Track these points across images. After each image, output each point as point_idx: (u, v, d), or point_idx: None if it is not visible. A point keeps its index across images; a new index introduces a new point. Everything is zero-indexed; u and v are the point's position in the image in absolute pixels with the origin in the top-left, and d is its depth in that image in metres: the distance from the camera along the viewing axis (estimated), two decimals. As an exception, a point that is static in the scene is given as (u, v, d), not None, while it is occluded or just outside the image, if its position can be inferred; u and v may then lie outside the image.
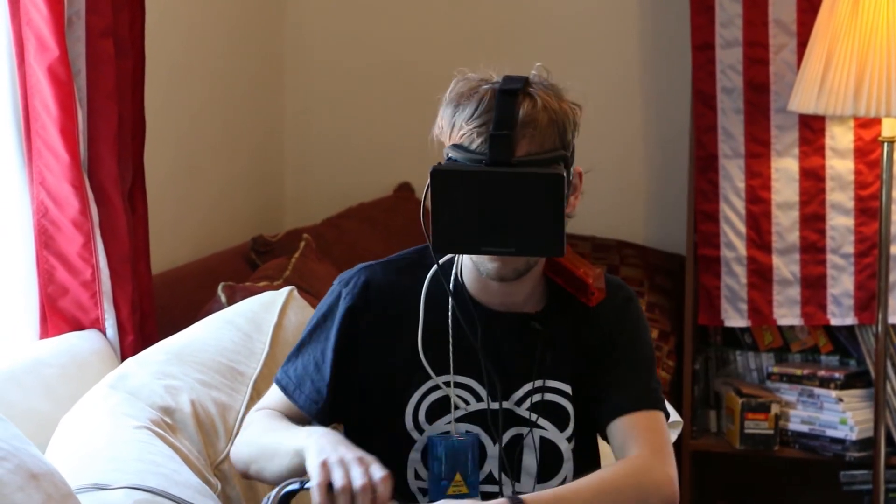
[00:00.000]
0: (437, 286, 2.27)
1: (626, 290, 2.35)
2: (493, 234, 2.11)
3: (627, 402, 2.25)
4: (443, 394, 2.24)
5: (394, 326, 2.26)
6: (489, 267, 2.19)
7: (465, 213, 2.11)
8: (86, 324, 2.85)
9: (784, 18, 3.93)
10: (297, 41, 4.45)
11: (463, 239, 2.13)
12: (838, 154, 3.94)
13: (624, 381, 2.27)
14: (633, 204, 4.33)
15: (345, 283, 2.29)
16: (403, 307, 2.26)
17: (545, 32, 4.30)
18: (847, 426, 3.92)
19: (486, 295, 2.26)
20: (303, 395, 2.28)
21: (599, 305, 2.29)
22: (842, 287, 3.96)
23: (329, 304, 2.30)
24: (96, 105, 2.83)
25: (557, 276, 2.28)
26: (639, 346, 2.32)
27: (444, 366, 2.24)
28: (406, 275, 2.30)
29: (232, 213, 4.06)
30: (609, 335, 2.30)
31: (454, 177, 2.12)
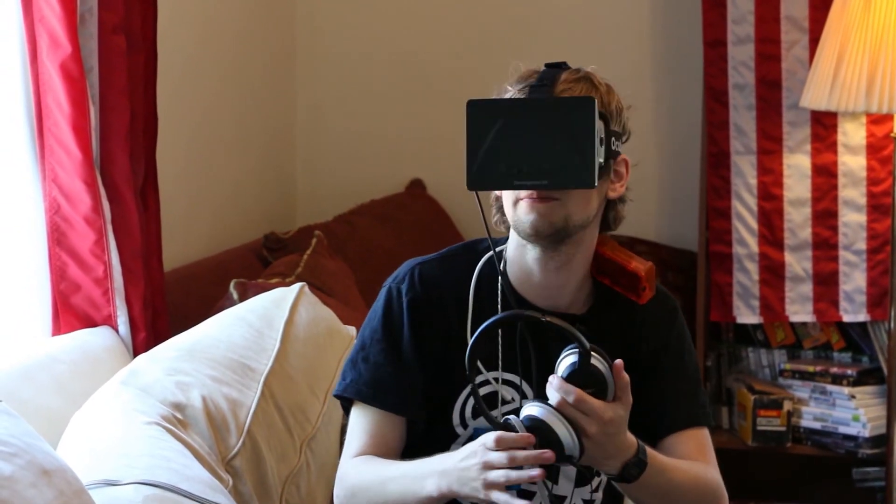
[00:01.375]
0: (486, 280, 2.27)
1: (672, 300, 2.36)
2: (526, 169, 2.08)
3: (681, 419, 2.29)
4: (490, 389, 2.24)
5: (446, 319, 2.26)
6: (525, 221, 2.15)
7: (499, 147, 2.08)
8: (98, 320, 2.85)
9: (796, 14, 3.92)
10: (308, 37, 4.45)
11: (497, 175, 2.09)
12: (850, 150, 3.93)
13: (676, 396, 2.30)
14: (645, 200, 4.32)
15: (400, 281, 2.28)
16: (452, 302, 2.26)
17: (557, 28, 4.29)
18: (860, 423, 3.92)
19: (532, 293, 2.25)
20: (388, 398, 2.25)
21: (646, 313, 2.30)
22: (854, 283, 3.95)
23: (387, 304, 2.28)
24: (108, 101, 2.84)
25: (605, 276, 2.27)
26: (689, 359, 2.35)
27: (491, 361, 2.24)
28: (454, 270, 2.29)
29: (244, 209, 4.06)
30: (658, 345, 2.31)
31: (488, 107, 2.09)
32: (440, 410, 2.25)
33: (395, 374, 2.24)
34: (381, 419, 2.25)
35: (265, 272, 3.48)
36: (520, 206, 2.16)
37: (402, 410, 2.25)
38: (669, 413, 2.29)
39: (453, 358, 2.23)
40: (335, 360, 2.78)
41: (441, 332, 2.25)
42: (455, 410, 2.25)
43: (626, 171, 2.24)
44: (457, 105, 2.29)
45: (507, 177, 2.09)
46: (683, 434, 2.29)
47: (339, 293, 3.45)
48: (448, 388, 2.25)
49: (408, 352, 2.24)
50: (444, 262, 2.30)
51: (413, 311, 2.25)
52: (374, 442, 2.25)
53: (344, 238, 3.91)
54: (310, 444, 2.63)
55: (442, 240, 3.33)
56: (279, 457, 2.56)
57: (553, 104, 2.10)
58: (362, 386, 2.26)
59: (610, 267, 2.26)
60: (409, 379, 2.24)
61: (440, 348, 2.25)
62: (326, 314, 2.84)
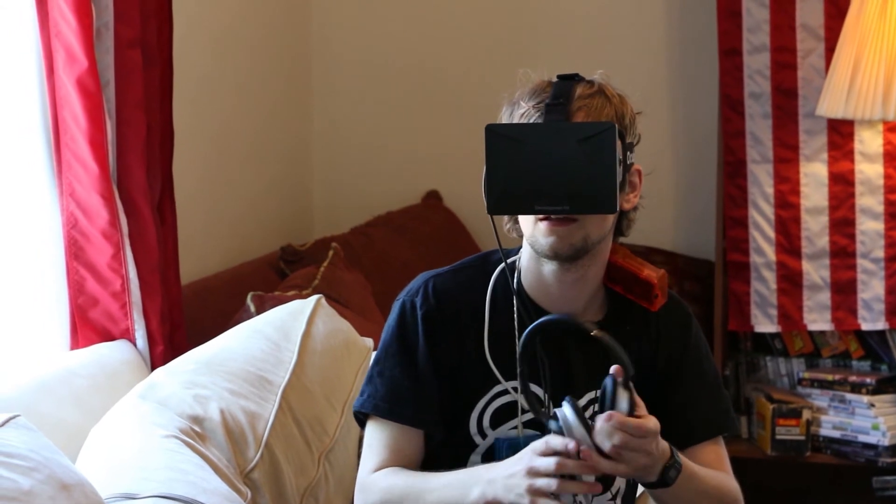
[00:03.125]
0: (500, 292, 2.27)
1: (686, 307, 2.37)
2: (547, 193, 2.09)
3: (704, 429, 2.31)
4: (508, 399, 2.24)
5: (461, 331, 2.25)
6: (544, 243, 2.16)
7: (518, 171, 2.09)
8: (116, 334, 2.86)
9: (811, 23, 3.92)
10: (324, 50, 4.46)
11: (517, 199, 2.10)
12: (867, 158, 3.92)
13: (698, 406, 2.30)
14: (661, 210, 4.32)
15: (413, 294, 2.28)
16: (468, 312, 2.26)
17: (572, 38, 4.30)
18: (879, 431, 3.90)
19: (548, 301, 2.25)
20: (406, 412, 2.24)
21: (661, 322, 2.30)
22: (872, 291, 3.94)
23: (400, 318, 2.27)
24: (125, 116, 2.84)
25: (617, 283, 2.28)
26: (708, 366, 2.35)
27: (509, 370, 2.24)
28: (469, 281, 2.29)
29: (260, 222, 4.07)
30: (675, 354, 2.31)
31: (508, 132, 2.10)
32: (457, 421, 2.25)
33: (411, 387, 2.24)
34: (398, 433, 2.25)
35: (282, 285, 3.48)
36: (538, 227, 2.16)
37: (419, 423, 2.25)
38: (691, 423, 2.29)
39: (470, 368, 2.24)
40: (353, 372, 2.78)
41: (456, 344, 2.25)
42: (472, 420, 2.25)
43: (640, 180, 2.25)
44: (472, 116, 2.29)
45: (528, 201, 2.10)
46: (704, 445, 2.30)
47: (355, 305, 3.45)
48: (465, 398, 2.25)
49: (424, 364, 2.24)
50: (457, 274, 2.30)
51: (428, 323, 2.25)
52: (393, 456, 2.24)
53: (360, 250, 3.91)
54: (328, 457, 2.63)
55: (459, 251, 3.34)
56: (297, 469, 2.56)
57: (574, 129, 2.10)
58: (379, 401, 2.25)
59: (622, 275, 2.27)
60: (425, 392, 2.24)
61: (456, 360, 2.25)
62: (343, 326, 2.84)
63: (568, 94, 2.17)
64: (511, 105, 2.22)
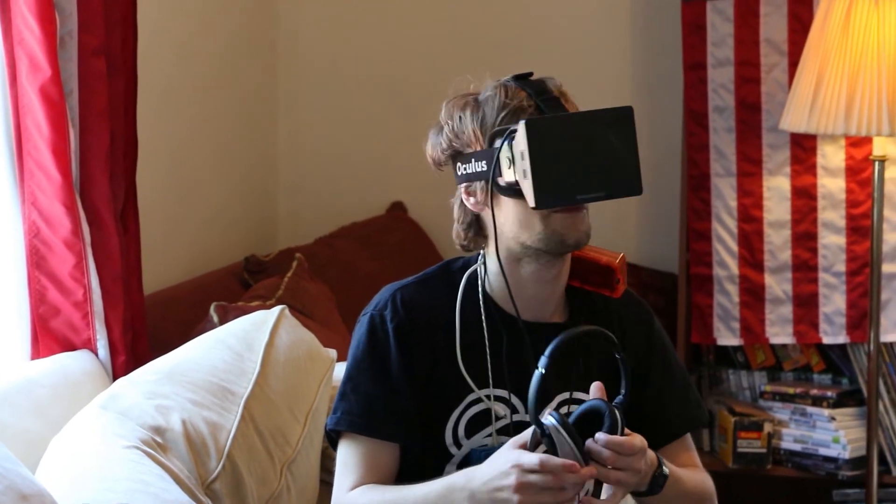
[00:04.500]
0: (468, 300, 2.27)
1: (645, 303, 2.40)
2: (584, 181, 2.12)
3: (678, 425, 2.36)
4: (482, 407, 2.25)
5: (432, 342, 2.26)
6: (562, 234, 2.18)
7: (558, 162, 2.10)
8: (77, 344, 2.84)
9: (775, 38, 3.94)
10: (290, 59, 4.45)
11: (560, 190, 2.12)
12: (830, 173, 3.94)
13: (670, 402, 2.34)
14: (625, 222, 4.33)
15: (382, 308, 2.28)
16: (438, 322, 2.26)
17: (538, 50, 4.31)
18: (840, 445, 3.92)
19: (519, 305, 2.26)
20: (382, 426, 2.24)
21: (624, 320, 2.33)
22: (834, 305, 3.96)
23: (370, 332, 2.27)
24: (88, 124, 2.83)
25: (574, 277, 2.29)
26: (674, 361, 2.38)
27: (481, 378, 2.24)
28: (435, 291, 2.30)
29: (224, 232, 4.06)
30: (641, 352, 2.33)
31: (547, 125, 2.11)
32: (432, 432, 2.25)
33: (387, 401, 2.24)
34: (375, 448, 2.25)
35: (245, 295, 3.47)
36: (554, 219, 2.17)
37: (396, 437, 2.25)
38: (666, 421, 2.33)
39: (443, 378, 2.24)
40: (315, 383, 2.77)
41: (428, 355, 2.25)
42: (448, 430, 2.25)
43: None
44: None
45: (569, 191, 2.12)
46: (679, 443, 2.34)
47: (319, 316, 3.45)
48: (439, 409, 2.25)
49: (397, 377, 2.24)
50: (422, 285, 2.30)
51: (400, 335, 2.25)
52: (369, 472, 2.24)
53: (325, 261, 3.91)
54: (290, 468, 2.62)
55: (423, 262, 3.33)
56: (259, 480, 2.55)
57: (600, 116, 2.13)
58: (355, 417, 2.25)
59: (580, 266, 2.28)
60: (401, 405, 2.24)
61: (428, 370, 2.25)
62: (307, 337, 2.84)
63: (545, 89, 2.20)
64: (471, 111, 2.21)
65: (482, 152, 2.18)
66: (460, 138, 2.22)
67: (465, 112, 2.22)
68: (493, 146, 2.16)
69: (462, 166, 2.21)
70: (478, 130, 2.19)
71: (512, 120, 2.16)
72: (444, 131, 2.24)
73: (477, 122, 2.20)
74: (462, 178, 2.23)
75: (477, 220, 2.25)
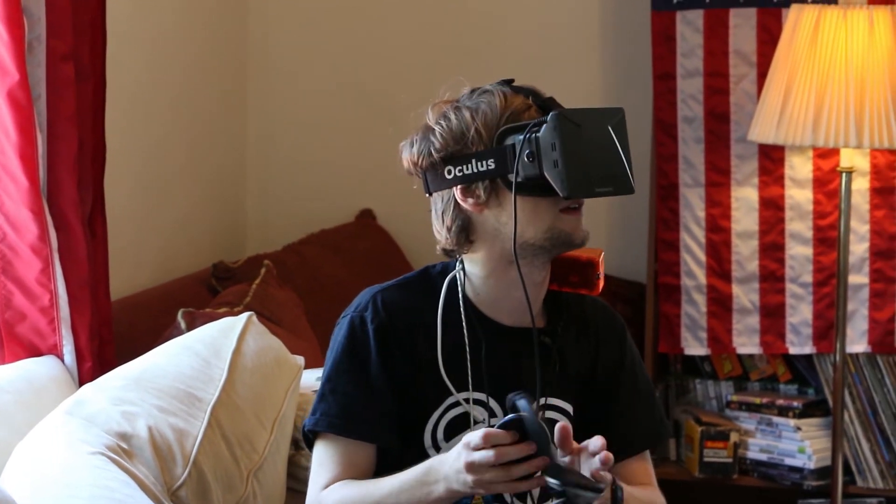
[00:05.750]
0: (448, 304, 2.27)
1: (620, 317, 2.41)
2: (599, 176, 2.17)
3: (639, 442, 2.35)
4: (460, 411, 2.25)
5: (413, 344, 2.26)
6: (570, 232, 2.22)
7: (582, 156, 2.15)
8: (43, 350, 2.83)
9: (744, 49, 3.96)
10: (259, 67, 4.45)
11: (584, 182, 2.16)
12: (797, 184, 3.96)
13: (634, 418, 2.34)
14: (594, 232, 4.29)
15: (362, 310, 2.27)
16: (418, 325, 2.26)
17: (508, 59, 4.31)
18: (805, 455, 3.94)
19: (501, 312, 2.27)
20: (361, 427, 2.24)
21: (599, 328, 2.34)
22: (800, 316, 3.98)
23: (350, 333, 2.27)
24: (56, 129, 2.82)
25: (553, 280, 2.30)
26: (642, 375, 2.38)
27: (461, 382, 2.25)
28: (414, 294, 2.30)
29: (193, 238, 4.05)
30: (612, 363, 2.34)
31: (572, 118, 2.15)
32: (412, 435, 2.25)
33: (366, 402, 2.24)
34: (352, 448, 2.25)
35: (213, 301, 3.46)
36: (560, 218, 2.20)
37: (374, 438, 2.25)
38: (629, 436, 2.32)
39: (422, 381, 2.25)
40: (283, 389, 2.77)
41: (408, 357, 2.25)
42: (426, 433, 2.25)
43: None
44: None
45: (589, 184, 2.17)
46: (638, 459, 2.34)
47: (287, 323, 3.44)
48: (418, 411, 2.26)
49: (377, 379, 2.24)
50: (403, 288, 2.31)
51: (380, 336, 2.25)
52: (345, 472, 2.24)
53: (293, 268, 3.90)
54: (256, 474, 2.62)
55: (392, 270, 3.33)
56: (226, 487, 2.54)
57: (606, 115, 2.19)
58: (333, 417, 2.25)
59: (558, 269, 2.29)
60: (380, 406, 2.24)
61: (408, 373, 2.25)
62: (275, 344, 2.83)
63: (539, 91, 2.24)
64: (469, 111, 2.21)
65: (488, 151, 2.19)
66: (459, 139, 2.21)
67: (462, 113, 2.22)
68: (503, 144, 2.17)
69: (457, 168, 2.20)
70: (482, 129, 2.20)
71: (518, 118, 2.19)
72: (435, 134, 2.23)
73: (480, 122, 2.20)
74: (457, 179, 2.21)
75: (469, 224, 2.25)
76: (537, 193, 2.17)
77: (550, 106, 2.21)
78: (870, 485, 3.96)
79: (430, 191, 2.26)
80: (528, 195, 2.18)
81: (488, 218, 2.22)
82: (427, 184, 2.26)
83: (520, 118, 2.19)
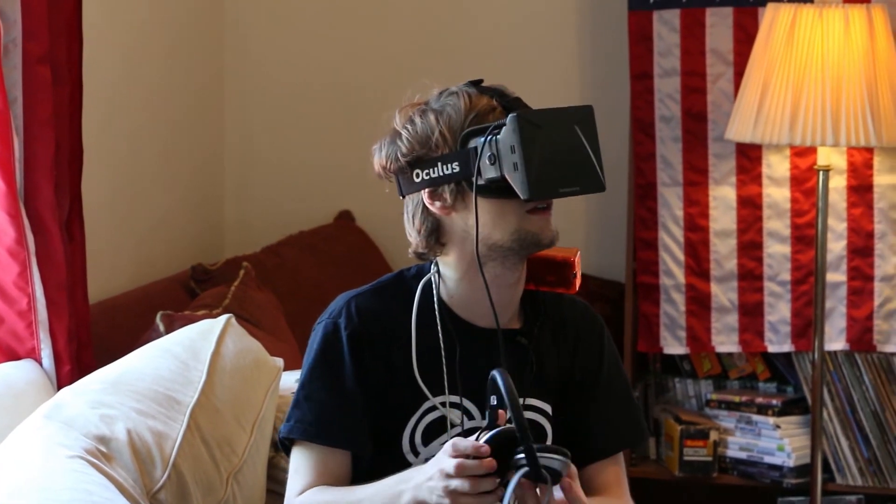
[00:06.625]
0: (423, 308, 2.27)
1: (598, 316, 2.40)
2: (563, 177, 2.16)
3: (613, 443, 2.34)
4: (438, 414, 2.25)
5: (387, 349, 2.26)
6: (538, 233, 2.20)
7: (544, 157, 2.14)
8: (21, 353, 2.82)
9: (721, 48, 3.97)
10: (237, 67, 4.44)
11: (546, 183, 2.15)
12: (775, 182, 3.97)
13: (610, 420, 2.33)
14: (572, 231, 4.34)
15: (336, 316, 2.27)
16: (393, 330, 2.26)
17: (486, 59, 4.31)
18: (784, 453, 3.95)
19: (476, 314, 2.26)
20: (335, 433, 2.24)
21: (577, 328, 2.34)
22: (779, 314, 3.99)
23: (324, 340, 2.27)
24: (33, 133, 2.81)
25: (530, 280, 2.30)
26: (621, 376, 2.38)
27: (437, 386, 2.25)
28: (389, 299, 2.29)
29: (171, 241, 4.04)
30: (591, 362, 2.34)
31: (534, 119, 2.14)
32: (390, 441, 2.25)
33: (340, 408, 2.24)
34: (327, 455, 2.25)
35: (192, 304, 3.46)
36: (527, 219, 2.19)
37: (349, 444, 2.25)
38: (605, 438, 2.32)
39: (398, 386, 2.24)
40: (262, 392, 2.76)
41: (383, 363, 2.25)
42: (405, 439, 2.25)
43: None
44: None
45: (553, 185, 2.16)
46: (610, 462, 2.33)
47: (266, 325, 3.44)
48: (395, 417, 2.25)
49: (351, 385, 2.24)
50: (377, 293, 2.30)
51: (354, 342, 2.25)
52: (320, 479, 2.24)
53: (272, 270, 3.90)
54: (236, 477, 2.62)
55: (371, 271, 3.33)
56: (205, 490, 2.54)
57: (572, 114, 2.18)
58: (307, 425, 2.24)
59: (535, 268, 2.29)
60: (354, 412, 2.24)
61: (383, 379, 2.25)
62: (254, 346, 2.83)
63: (506, 92, 2.23)
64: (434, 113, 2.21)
65: (453, 154, 2.18)
66: (425, 143, 2.21)
67: (428, 117, 2.21)
68: (467, 147, 2.17)
69: (424, 171, 2.20)
70: (446, 133, 2.19)
71: (482, 120, 2.18)
72: (402, 138, 2.23)
73: (444, 125, 2.20)
74: (425, 183, 2.21)
75: (439, 227, 2.25)
76: (502, 195, 2.17)
77: (515, 107, 2.20)
78: (849, 482, 3.98)
79: (402, 194, 2.26)
80: (493, 197, 2.17)
81: (456, 221, 2.22)
82: (399, 187, 2.26)
83: (484, 120, 2.18)
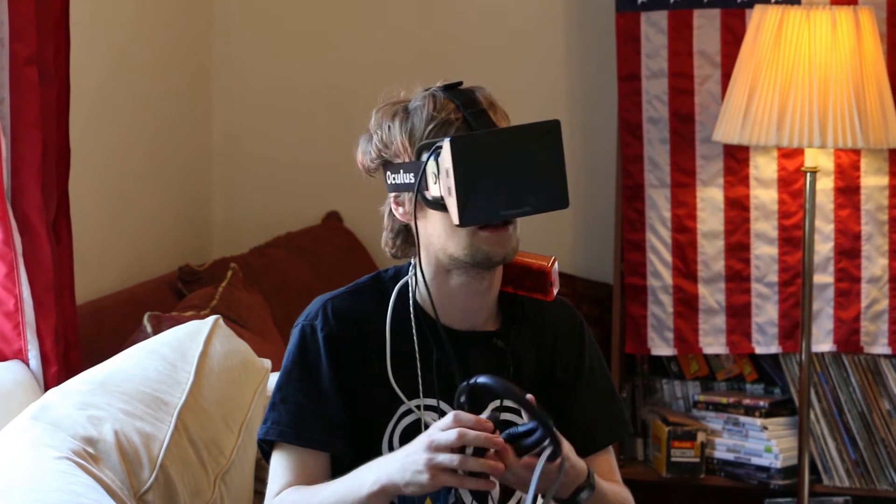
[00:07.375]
0: (399, 310, 2.27)
1: (578, 313, 2.40)
2: (509, 197, 2.12)
3: (602, 438, 2.34)
4: (415, 417, 2.24)
5: (363, 352, 2.25)
6: (485, 250, 2.17)
7: (483, 179, 2.10)
8: (8, 354, 2.82)
9: (708, 50, 3.97)
10: (224, 68, 4.44)
11: (484, 207, 2.11)
12: (762, 184, 3.98)
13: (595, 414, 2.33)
14: (560, 233, 4.35)
15: (312, 318, 2.27)
16: (368, 332, 2.26)
17: (473, 59, 4.32)
18: (772, 454, 3.95)
19: (451, 317, 2.26)
20: (312, 435, 2.23)
21: (556, 327, 2.33)
22: (766, 316, 4.00)
23: (301, 342, 2.26)
24: (20, 133, 2.81)
25: (508, 283, 2.29)
26: (602, 371, 2.38)
27: (413, 389, 2.24)
28: (365, 301, 2.29)
29: (158, 241, 4.03)
30: (572, 360, 2.34)
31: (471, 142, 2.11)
32: (369, 444, 2.25)
33: (316, 410, 2.23)
34: (305, 457, 2.24)
35: (180, 305, 3.45)
36: (480, 236, 2.16)
37: (326, 446, 2.24)
38: (591, 433, 2.32)
39: (374, 389, 2.24)
40: (250, 393, 2.76)
41: (359, 365, 2.25)
42: (384, 440, 2.25)
43: None
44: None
45: (494, 208, 2.12)
46: (601, 453, 2.34)
47: (254, 326, 3.44)
48: (373, 420, 2.25)
49: (328, 387, 2.24)
50: (354, 295, 2.30)
51: (330, 345, 2.25)
52: (298, 480, 2.23)
53: (260, 270, 3.90)
54: (224, 479, 2.61)
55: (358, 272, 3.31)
56: (193, 491, 2.54)
57: (525, 131, 2.14)
58: (284, 427, 2.24)
59: (512, 272, 2.29)
60: (331, 414, 2.23)
61: (360, 381, 2.25)
62: (241, 347, 2.83)
63: (474, 100, 2.20)
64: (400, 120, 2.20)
65: (410, 164, 2.18)
66: (389, 148, 2.21)
67: (395, 122, 2.21)
68: (421, 159, 2.16)
69: (391, 175, 2.21)
70: (406, 142, 2.19)
71: (440, 133, 2.16)
72: (373, 140, 2.24)
73: (405, 134, 2.19)
74: (391, 187, 2.23)
75: (406, 230, 2.25)
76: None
77: (479, 120, 2.17)
78: (836, 483, 3.98)
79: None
80: (443, 211, 2.16)
81: (419, 227, 2.21)
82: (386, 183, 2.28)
83: (447, 132, 2.16)
